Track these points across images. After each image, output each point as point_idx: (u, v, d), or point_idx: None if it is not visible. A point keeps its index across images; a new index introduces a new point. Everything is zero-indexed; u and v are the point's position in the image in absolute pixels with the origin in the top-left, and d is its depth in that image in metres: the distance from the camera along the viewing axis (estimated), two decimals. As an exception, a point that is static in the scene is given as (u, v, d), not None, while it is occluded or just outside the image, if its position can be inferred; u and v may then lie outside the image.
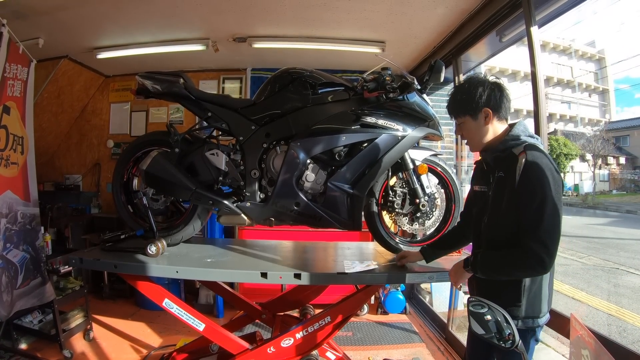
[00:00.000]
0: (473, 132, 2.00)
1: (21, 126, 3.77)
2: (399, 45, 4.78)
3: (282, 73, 2.77)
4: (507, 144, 1.90)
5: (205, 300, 5.30)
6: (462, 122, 2.01)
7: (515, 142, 1.89)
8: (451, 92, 2.08)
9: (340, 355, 3.17)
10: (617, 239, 12.53)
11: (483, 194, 2.07)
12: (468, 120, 1.99)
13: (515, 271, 1.78)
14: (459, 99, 2.00)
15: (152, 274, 2.49)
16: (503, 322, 1.63)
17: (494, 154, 1.95)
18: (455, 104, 2.02)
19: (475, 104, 1.94)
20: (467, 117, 1.98)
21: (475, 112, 1.95)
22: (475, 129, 1.99)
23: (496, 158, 1.95)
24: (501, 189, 1.88)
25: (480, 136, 1.99)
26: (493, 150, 1.96)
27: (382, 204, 2.81)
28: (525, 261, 1.70)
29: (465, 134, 2.04)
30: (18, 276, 3.56)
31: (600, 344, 1.01)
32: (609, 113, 36.98)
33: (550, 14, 3.35)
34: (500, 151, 1.92)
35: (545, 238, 1.68)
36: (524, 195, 1.75)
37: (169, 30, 4.63)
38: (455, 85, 2.02)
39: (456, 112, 2.02)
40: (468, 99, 1.96)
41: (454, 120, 2.07)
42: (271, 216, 2.73)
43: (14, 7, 3.72)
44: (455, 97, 2.03)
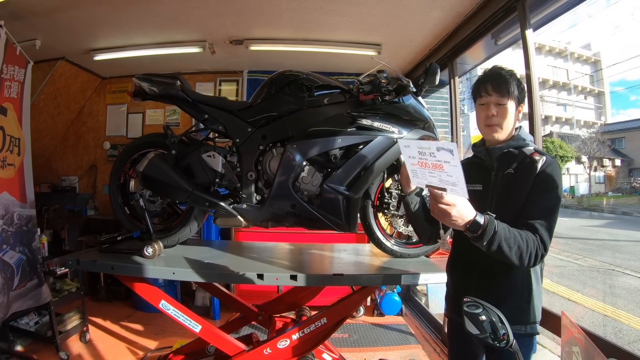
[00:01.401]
0: (511, 118, 1.89)
1: (18, 127, 3.77)
2: (395, 48, 4.79)
3: (279, 75, 2.78)
4: (518, 142, 1.90)
5: (201, 302, 5.29)
6: (504, 103, 1.87)
7: (526, 143, 1.90)
8: (502, 70, 1.92)
9: (337, 357, 3.17)
10: (612, 241, 12.57)
11: (476, 193, 1.88)
12: (511, 106, 1.88)
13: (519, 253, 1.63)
14: (517, 83, 1.89)
15: (149, 276, 2.50)
16: (498, 322, 1.63)
17: (504, 151, 1.91)
18: (509, 84, 1.86)
19: (522, 97, 1.91)
20: (513, 102, 1.88)
21: (519, 102, 1.91)
22: (512, 117, 1.90)
23: (505, 154, 1.91)
24: (512, 186, 1.83)
25: (511, 126, 1.91)
26: (503, 147, 1.92)
27: (378, 205, 2.83)
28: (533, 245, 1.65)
29: (504, 116, 1.88)
30: (14, 278, 3.56)
31: (590, 340, 1.02)
32: (604, 115, 37.17)
33: (545, 17, 3.38)
34: (514, 147, 1.89)
35: (551, 229, 1.70)
36: (545, 183, 1.76)
37: (166, 32, 4.63)
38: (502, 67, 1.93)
39: (506, 91, 1.86)
40: (520, 87, 1.90)
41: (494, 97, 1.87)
42: (267, 218, 2.74)
43: (11, 8, 3.72)
44: (510, 77, 1.88)
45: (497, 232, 1.58)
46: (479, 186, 1.96)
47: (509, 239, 1.61)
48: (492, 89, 1.88)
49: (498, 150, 1.93)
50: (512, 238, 1.61)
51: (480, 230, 1.58)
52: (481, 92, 1.92)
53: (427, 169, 1.53)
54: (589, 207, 24.64)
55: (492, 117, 1.89)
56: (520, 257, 1.64)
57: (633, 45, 58.93)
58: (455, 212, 1.54)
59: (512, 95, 1.85)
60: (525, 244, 1.63)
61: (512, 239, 1.61)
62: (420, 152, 1.53)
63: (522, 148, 1.88)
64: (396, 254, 2.83)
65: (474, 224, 1.57)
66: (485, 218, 1.59)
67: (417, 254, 2.84)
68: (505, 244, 1.60)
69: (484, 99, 1.91)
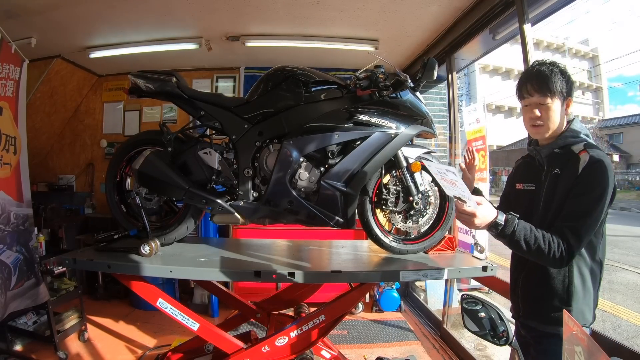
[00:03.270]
0: (555, 118, 1.83)
1: (14, 126, 3.75)
2: (392, 44, 4.78)
3: (275, 71, 2.76)
4: (566, 140, 1.83)
5: (200, 300, 5.29)
6: (549, 103, 1.80)
7: (575, 140, 1.82)
8: (543, 67, 1.84)
9: (335, 354, 3.16)
10: (611, 236, 12.50)
11: (529, 193, 1.97)
12: (557, 104, 1.81)
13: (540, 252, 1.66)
14: (559, 78, 1.80)
15: (146, 274, 2.48)
16: (497, 319, 1.63)
17: (551, 149, 1.86)
18: (550, 81, 1.79)
19: (569, 90, 1.82)
20: (559, 100, 1.81)
21: (566, 97, 1.83)
22: (560, 116, 1.83)
23: (552, 155, 1.86)
24: (556, 187, 1.81)
25: (558, 123, 1.84)
26: (551, 145, 1.87)
27: (376, 201, 2.81)
28: (557, 247, 1.65)
29: (548, 115, 1.82)
30: (12, 277, 3.55)
31: (592, 339, 1.01)
32: (602, 111, 37.16)
33: (543, 11, 3.37)
34: (559, 147, 1.84)
35: (582, 233, 1.66)
36: (581, 186, 1.69)
37: (162, 29, 4.62)
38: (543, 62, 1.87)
39: (547, 89, 1.79)
40: (566, 82, 1.81)
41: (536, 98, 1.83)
42: (265, 215, 2.73)
43: (5, 6, 3.70)
44: (554, 74, 1.80)
45: (515, 231, 1.66)
46: (532, 186, 1.97)
47: (529, 239, 1.66)
48: (533, 89, 1.83)
49: (546, 149, 1.89)
50: (532, 238, 1.66)
51: (500, 229, 1.68)
52: (523, 93, 1.88)
53: (448, 183, 1.72)
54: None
55: (537, 118, 1.84)
56: (541, 257, 1.68)
57: (631, 41, 58.96)
58: (476, 220, 1.66)
59: (555, 93, 1.79)
60: (547, 245, 1.65)
61: (533, 239, 1.66)
62: (439, 171, 1.77)
63: (571, 145, 1.81)
64: (394, 250, 2.81)
65: (495, 224, 1.68)
66: (506, 218, 1.68)
67: (416, 250, 2.83)
68: (524, 243, 1.66)
69: (526, 100, 1.87)
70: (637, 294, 6.91)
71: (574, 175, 1.72)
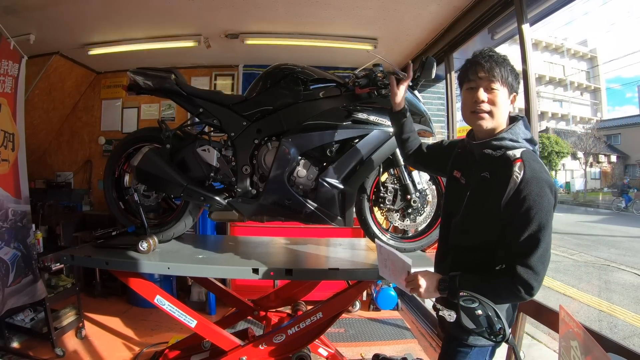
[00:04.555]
0: (503, 107, 1.69)
1: (12, 123, 3.75)
2: (391, 42, 4.79)
3: (274, 69, 2.77)
4: (503, 142, 1.66)
5: (197, 297, 5.29)
6: (498, 90, 1.67)
7: (513, 144, 1.65)
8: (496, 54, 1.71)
9: (332, 352, 3.17)
10: (608, 236, 12.63)
11: (460, 186, 1.85)
12: (504, 93, 1.68)
13: (498, 299, 1.59)
14: (511, 68, 1.69)
15: (144, 271, 2.49)
16: (494, 317, 1.63)
17: (485, 148, 1.70)
18: (504, 66, 1.67)
19: (517, 84, 1.71)
20: (506, 90, 1.69)
21: (512, 89, 1.71)
22: (506, 107, 1.71)
23: (484, 155, 1.71)
24: (482, 193, 1.69)
25: (503, 118, 1.71)
26: (485, 145, 1.70)
27: (374, 200, 2.82)
28: (512, 289, 1.56)
29: (495, 102, 1.67)
30: (9, 274, 3.54)
31: (588, 334, 1.02)
32: (600, 111, 37.31)
33: (541, 12, 3.38)
34: (493, 148, 1.68)
35: (537, 265, 1.53)
36: (520, 216, 1.55)
37: (161, 26, 4.61)
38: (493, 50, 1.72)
39: (500, 74, 1.66)
40: (515, 76, 1.71)
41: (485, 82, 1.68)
42: (263, 212, 2.73)
43: (4, 2, 3.69)
44: (506, 62, 1.69)
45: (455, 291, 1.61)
46: (464, 179, 1.85)
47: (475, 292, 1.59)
48: (482, 70, 1.67)
49: (479, 147, 1.73)
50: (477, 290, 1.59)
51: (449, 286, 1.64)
52: (469, 74, 1.72)
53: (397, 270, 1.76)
54: (585, 203, 24.75)
55: (482, 103, 1.68)
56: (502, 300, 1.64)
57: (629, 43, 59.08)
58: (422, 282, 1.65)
59: (505, 81, 1.66)
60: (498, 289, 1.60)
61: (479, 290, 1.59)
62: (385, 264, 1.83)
63: (507, 150, 1.64)
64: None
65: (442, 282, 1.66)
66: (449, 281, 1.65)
67: (413, 248, 2.83)
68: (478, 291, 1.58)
69: (473, 82, 1.71)
70: (633, 294, 6.95)
71: (504, 189, 1.58)
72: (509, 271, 1.58)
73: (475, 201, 1.71)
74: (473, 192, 1.74)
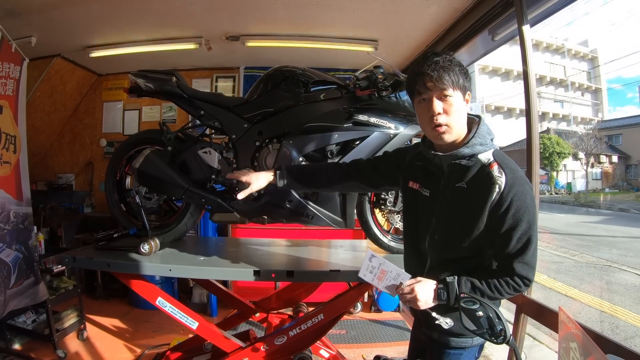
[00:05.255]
0: (461, 114, 1.61)
1: (14, 125, 3.76)
2: (392, 44, 4.79)
3: (275, 71, 2.77)
4: (474, 149, 1.61)
5: (199, 299, 5.29)
6: (452, 96, 1.57)
7: (483, 148, 1.62)
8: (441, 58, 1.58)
9: (334, 353, 3.17)
10: (609, 237, 12.61)
11: (424, 199, 1.78)
12: (459, 98, 1.59)
13: (500, 296, 1.63)
14: (459, 69, 1.58)
15: (145, 273, 2.49)
16: (495, 319, 1.63)
17: (454, 158, 1.64)
18: (455, 71, 1.57)
19: (468, 84, 1.61)
20: (460, 93, 1.59)
21: (465, 89, 1.61)
22: (463, 112, 1.62)
23: (455, 165, 1.65)
24: (461, 204, 1.63)
25: (462, 123, 1.63)
26: (455, 155, 1.63)
27: (375, 201, 2.83)
28: (513, 285, 1.59)
29: (452, 112, 1.58)
30: (11, 276, 3.55)
31: (587, 336, 1.02)
32: (601, 112, 37.28)
33: (542, 13, 3.37)
34: (465, 157, 1.61)
35: (531, 260, 1.58)
36: (510, 219, 1.54)
37: (162, 28, 4.62)
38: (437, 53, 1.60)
39: (454, 80, 1.56)
40: (465, 73, 1.60)
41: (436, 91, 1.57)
42: (264, 214, 2.73)
43: (6, 5, 3.70)
44: (453, 64, 1.57)
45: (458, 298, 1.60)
46: (426, 192, 1.77)
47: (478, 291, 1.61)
48: (431, 80, 1.56)
49: (448, 158, 1.65)
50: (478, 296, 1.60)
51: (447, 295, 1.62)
52: (418, 87, 1.62)
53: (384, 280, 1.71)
54: (586, 204, 24.71)
55: (438, 115, 1.58)
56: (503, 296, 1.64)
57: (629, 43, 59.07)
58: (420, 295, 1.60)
59: (456, 85, 1.56)
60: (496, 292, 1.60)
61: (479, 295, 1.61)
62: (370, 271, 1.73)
63: (479, 154, 1.61)
64: (393, 249, 2.83)
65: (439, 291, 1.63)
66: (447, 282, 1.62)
67: (414, 249, 2.83)
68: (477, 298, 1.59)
69: (424, 94, 1.60)
70: (635, 295, 6.94)
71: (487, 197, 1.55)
72: (506, 270, 1.60)
73: (456, 214, 1.66)
74: (450, 205, 1.67)
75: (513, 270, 1.58)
